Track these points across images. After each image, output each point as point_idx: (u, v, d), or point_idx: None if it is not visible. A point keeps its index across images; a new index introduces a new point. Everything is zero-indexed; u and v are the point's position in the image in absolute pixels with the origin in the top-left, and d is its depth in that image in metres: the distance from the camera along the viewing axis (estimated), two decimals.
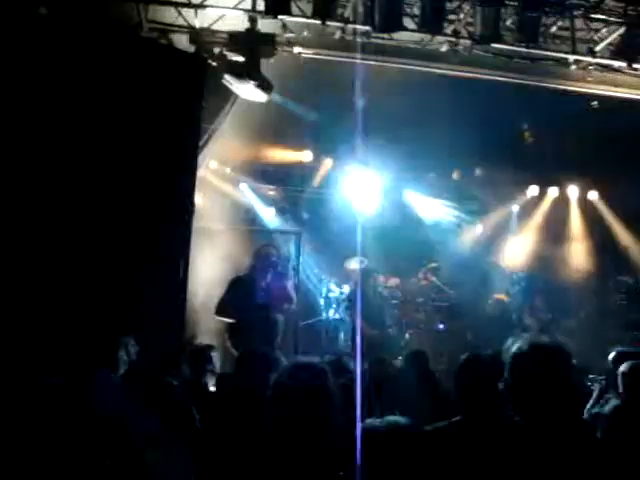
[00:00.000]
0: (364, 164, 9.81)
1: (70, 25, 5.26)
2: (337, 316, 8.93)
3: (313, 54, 6.46)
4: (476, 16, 6.11)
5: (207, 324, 7.34)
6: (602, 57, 6.67)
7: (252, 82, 6.04)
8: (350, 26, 6.18)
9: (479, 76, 6.81)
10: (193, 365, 4.79)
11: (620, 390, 4.04)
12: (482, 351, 3.57)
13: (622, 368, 4.07)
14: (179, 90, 5.58)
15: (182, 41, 6.15)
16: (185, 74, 5.67)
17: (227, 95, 6.40)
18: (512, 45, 6.33)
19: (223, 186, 9.24)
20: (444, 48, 6.51)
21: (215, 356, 4.86)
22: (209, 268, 7.53)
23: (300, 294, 9.17)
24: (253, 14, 5.98)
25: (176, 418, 3.36)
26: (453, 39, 6.40)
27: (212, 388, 4.73)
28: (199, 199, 7.43)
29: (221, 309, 6.73)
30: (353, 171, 9.99)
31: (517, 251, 9.98)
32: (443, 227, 10.33)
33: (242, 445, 2.61)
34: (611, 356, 4.69)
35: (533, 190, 10.43)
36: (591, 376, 5.62)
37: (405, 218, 10.49)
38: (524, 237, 10.30)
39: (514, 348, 2.60)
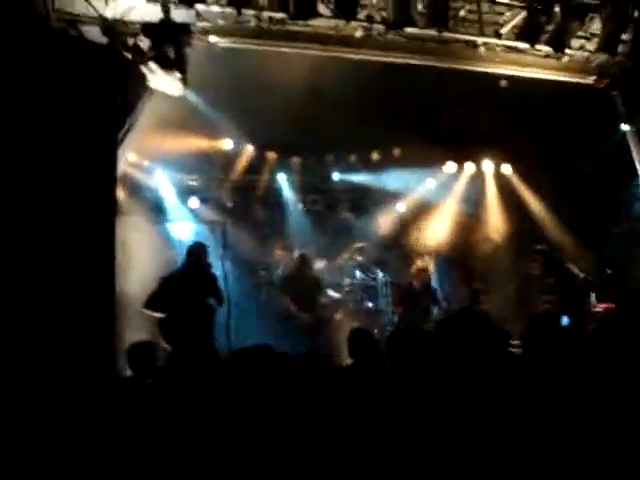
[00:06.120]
0: (283, 149, 9.87)
1: None
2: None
3: (229, 43, 6.41)
4: (388, 1, 6.23)
5: (135, 321, 7.25)
6: (508, 39, 6.95)
7: (178, 74, 5.93)
8: (265, 13, 6.16)
9: (394, 60, 6.96)
10: (133, 362, 4.74)
11: None
12: None
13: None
14: (93, 83, 5.40)
15: (94, 33, 5.96)
16: (99, 66, 5.48)
17: (144, 86, 6.25)
18: (424, 29, 6.47)
19: (143, 179, 9.07)
20: (358, 33, 6.59)
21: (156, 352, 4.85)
22: (136, 263, 7.40)
23: (229, 283, 9.17)
24: (167, 3, 5.86)
25: None
26: (367, 24, 6.47)
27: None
28: (121, 194, 7.31)
29: (150, 303, 6.70)
30: (274, 157, 10.03)
31: (439, 227, 10.30)
32: (367, 208, 10.53)
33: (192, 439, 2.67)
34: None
35: (450, 167, 10.75)
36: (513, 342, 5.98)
37: (328, 201, 10.65)
38: (445, 213, 10.64)
39: None
